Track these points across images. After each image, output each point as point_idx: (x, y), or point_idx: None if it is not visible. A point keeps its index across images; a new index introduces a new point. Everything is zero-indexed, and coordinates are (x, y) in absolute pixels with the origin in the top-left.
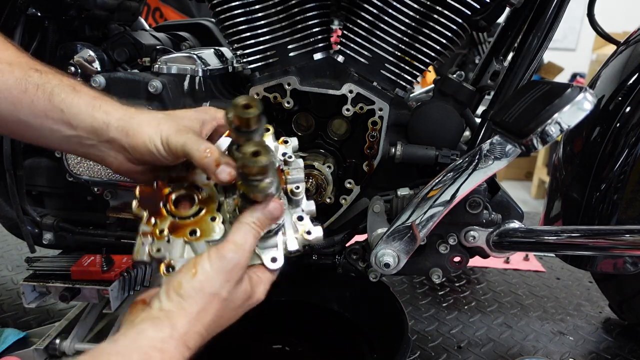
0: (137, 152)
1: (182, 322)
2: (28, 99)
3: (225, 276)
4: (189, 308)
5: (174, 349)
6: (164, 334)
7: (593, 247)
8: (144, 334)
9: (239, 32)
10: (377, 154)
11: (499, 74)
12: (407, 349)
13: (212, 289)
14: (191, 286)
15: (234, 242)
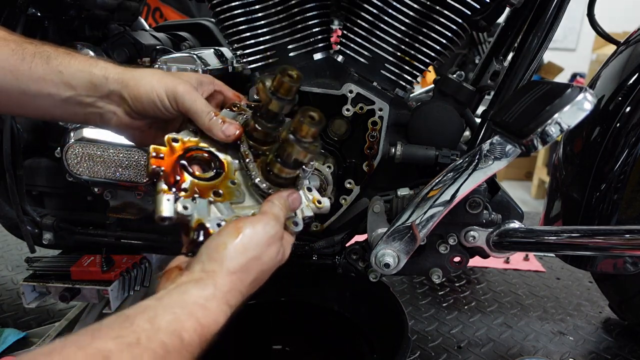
0: (138, 102)
1: (224, 282)
2: (26, 66)
3: (267, 242)
4: (232, 268)
5: (217, 307)
6: (207, 293)
7: (593, 247)
8: (188, 292)
9: (239, 32)
10: (377, 154)
11: (499, 74)
12: (407, 349)
13: (254, 252)
14: (235, 248)
15: (274, 214)
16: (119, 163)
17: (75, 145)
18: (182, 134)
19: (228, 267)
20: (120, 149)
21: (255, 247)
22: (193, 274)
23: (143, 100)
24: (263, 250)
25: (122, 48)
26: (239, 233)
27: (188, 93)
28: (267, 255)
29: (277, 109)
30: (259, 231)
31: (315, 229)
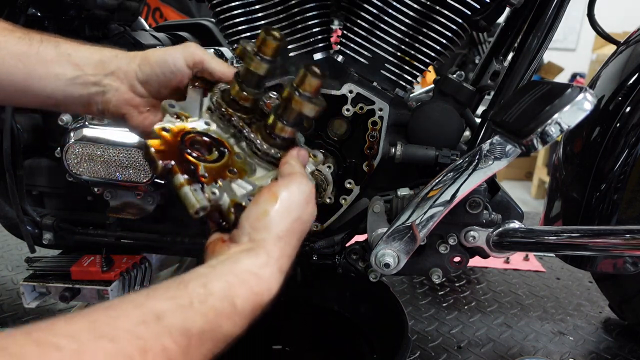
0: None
1: (275, 248)
2: (34, 50)
3: (305, 200)
4: (280, 232)
5: (270, 274)
6: (260, 261)
7: (593, 247)
8: (240, 261)
9: (239, 32)
10: (377, 154)
11: (499, 74)
12: (407, 349)
13: (296, 213)
14: (278, 213)
15: (301, 173)
16: (119, 163)
17: (75, 145)
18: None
19: (276, 232)
20: (120, 149)
21: (296, 208)
22: (242, 245)
23: (152, 62)
24: (303, 209)
25: (122, 48)
26: (277, 198)
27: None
28: (307, 213)
29: (263, 71)
30: (295, 192)
31: (315, 229)
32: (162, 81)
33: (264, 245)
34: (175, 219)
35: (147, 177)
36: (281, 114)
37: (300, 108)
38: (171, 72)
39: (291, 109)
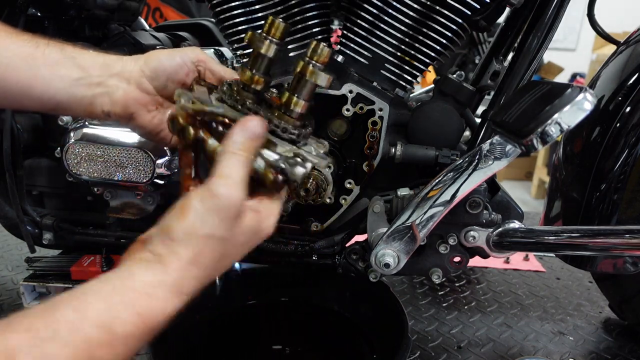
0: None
1: (174, 267)
2: (40, 52)
3: (217, 215)
4: (181, 252)
5: (165, 295)
6: (154, 279)
7: (593, 247)
8: (134, 277)
9: (239, 32)
10: (377, 154)
11: (499, 74)
12: (407, 349)
13: (205, 230)
14: (182, 229)
15: (222, 175)
16: (119, 163)
17: (75, 145)
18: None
19: (176, 251)
20: (120, 149)
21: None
22: (145, 254)
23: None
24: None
25: (122, 48)
26: (185, 211)
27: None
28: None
29: (272, 53)
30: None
31: (315, 229)
32: (170, 74)
33: (163, 262)
34: None
35: (147, 177)
36: (295, 88)
37: (315, 79)
38: (178, 65)
39: (305, 82)
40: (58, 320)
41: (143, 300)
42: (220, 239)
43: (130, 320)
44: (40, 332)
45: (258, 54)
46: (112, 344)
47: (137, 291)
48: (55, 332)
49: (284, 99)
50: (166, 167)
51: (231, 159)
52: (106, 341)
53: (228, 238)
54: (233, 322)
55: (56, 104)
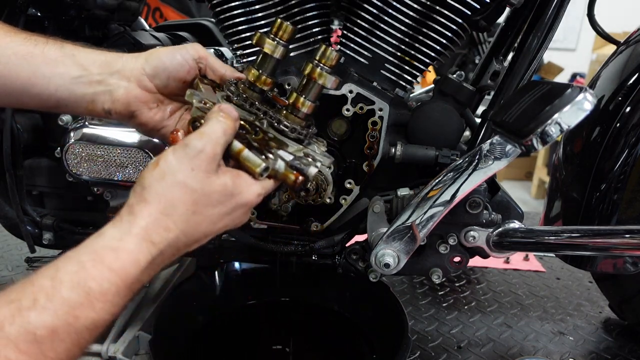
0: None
1: (142, 215)
2: (39, 50)
3: (189, 164)
4: (150, 199)
5: (133, 245)
6: (121, 232)
7: (593, 247)
8: (102, 234)
9: (239, 32)
10: (377, 154)
11: (499, 74)
12: (407, 349)
13: (175, 178)
14: (152, 176)
15: (200, 132)
16: (119, 163)
17: (75, 145)
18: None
19: (145, 198)
20: (120, 149)
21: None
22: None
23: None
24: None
25: (122, 48)
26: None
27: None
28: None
29: (279, 54)
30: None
31: (315, 229)
32: (171, 72)
33: (132, 212)
34: None
35: None
36: (302, 90)
37: (323, 81)
38: (179, 64)
39: (313, 84)
40: (36, 290)
41: (111, 255)
42: (191, 190)
43: (104, 276)
44: (21, 302)
45: (265, 55)
46: (91, 303)
47: (106, 247)
48: (34, 300)
49: (292, 100)
50: None
51: (212, 120)
52: (85, 301)
53: (198, 190)
54: (233, 322)
55: (57, 101)
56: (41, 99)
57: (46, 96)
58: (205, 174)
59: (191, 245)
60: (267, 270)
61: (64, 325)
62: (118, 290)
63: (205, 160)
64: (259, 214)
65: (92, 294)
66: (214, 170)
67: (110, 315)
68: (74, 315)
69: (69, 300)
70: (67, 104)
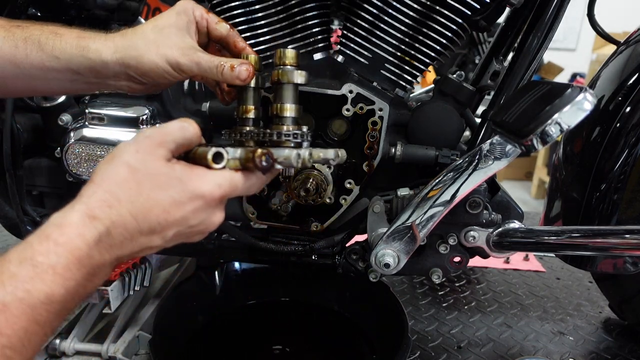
0: (147, 77)
1: (86, 194)
2: (22, 53)
3: (134, 146)
4: (95, 179)
5: (77, 219)
6: (65, 210)
7: (593, 247)
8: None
9: (239, 32)
10: (377, 154)
11: (499, 74)
12: (407, 349)
13: (120, 159)
14: (103, 160)
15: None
16: None
17: (75, 145)
18: None
19: (92, 179)
20: None
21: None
22: None
23: (152, 75)
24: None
25: None
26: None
27: (190, 61)
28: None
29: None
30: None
31: (315, 229)
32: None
33: (82, 192)
34: None
35: None
36: (278, 97)
37: (289, 79)
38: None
39: (283, 86)
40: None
41: (56, 231)
42: (133, 169)
43: (51, 250)
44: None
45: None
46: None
47: (50, 225)
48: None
49: (274, 111)
50: None
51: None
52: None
53: (141, 169)
54: (233, 322)
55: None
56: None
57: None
58: (150, 156)
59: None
60: (267, 270)
61: (14, 301)
62: (67, 263)
63: (150, 145)
64: (259, 214)
65: (40, 267)
66: (161, 156)
67: (64, 290)
68: (24, 289)
69: (17, 274)
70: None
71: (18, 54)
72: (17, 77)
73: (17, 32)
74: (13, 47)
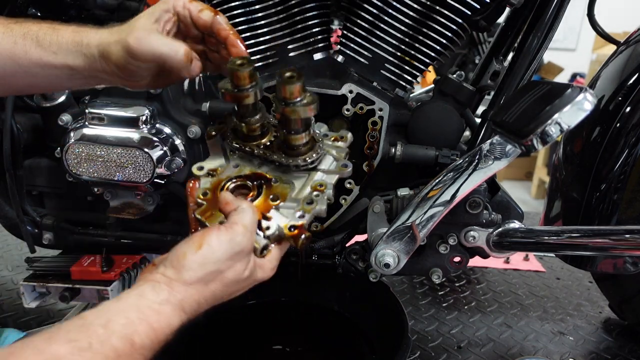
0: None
1: (179, 289)
2: (21, 50)
3: (231, 257)
4: (188, 278)
5: (170, 311)
6: (161, 297)
7: (593, 247)
8: (144, 295)
9: (239, 32)
10: (377, 154)
11: (499, 74)
12: (407, 349)
13: (214, 267)
14: (194, 259)
15: (244, 225)
16: (119, 163)
17: (75, 145)
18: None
19: (184, 277)
20: (120, 149)
21: (215, 261)
22: (155, 275)
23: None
24: (226, 265)
25: None
26: (202, 245)
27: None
28: (232, 270)
29: (252, 99)
30: (223, 245)
31: (315, 229)
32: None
33: (170, 283)
34: (175, 219)
35: (147, 177)
36: (287, 127)
37: (298, 115)
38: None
39: (292, 120)
40: (91, 335)
41: (154, 315)
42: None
43: (146, 332)
44: (78, 343)
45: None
46: (132, 353)
47: (150, 308)
48: (90, 344)
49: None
50: (166, 167)
51: (247, 213)
52: (128, 351)
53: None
54: (233, 322)
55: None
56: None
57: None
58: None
59: None
60: None
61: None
62: (152, 346)
63: (245, 255)
64: None
65: (135, 346)
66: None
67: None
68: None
69: (117, 348)
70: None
71: (17, 50)
72: (16, 73)
73: (15, 28)
74: (12, 44)
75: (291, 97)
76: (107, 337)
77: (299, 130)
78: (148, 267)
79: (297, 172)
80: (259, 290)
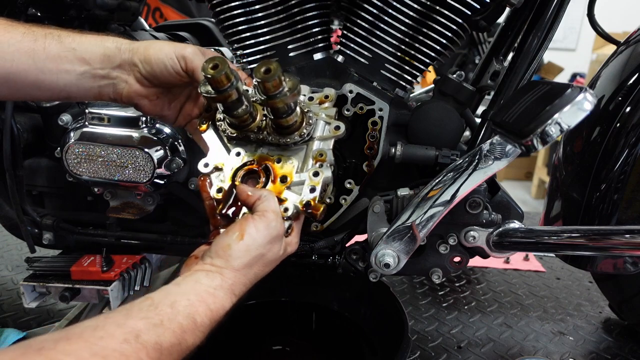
0: (148, 65)
1: (229, 275)
2: (40, 46)
3: (270, 241)
4: (236, 265)
5: (224, 295)
6: (215, 283)
7: (593, 247)
8: (200, 281)
9: (239, 32)
10: (377, 154)
11: (499, 74)
12: (407, 349)
13: (257, 252)
14: (239, 248)
15: (274, 211)
16: (119, 163)
17: (75, 145)
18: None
19: (233, 265)
20: (120, 149)
21: (257, 247)
22: (204, 266)
23: (152, 63)
24: (266, 249)
25: None
26: (243, 235)
27: (196, 54)
28: (271, 252)
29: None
30: (261, 232)
31: (315, 229)
32: (164, 80)
33: (221, 271)
34: (175, 219)
35: (147, 177)
36: (276, 114)
37: (284, 103)
38: (170, 75)
39: (279, 108)
40: (160, 312)
41: (211, 298)
42: (268, 261)
43: (205, 313)
44: (151, 320)
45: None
46: (194, 331)
47: (206, 292)
48: (161, 320)
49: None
50: (166, 167)
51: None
52: (192, 329)
53: (269, 257)
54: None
55: (67, 94)
56: (52, 93)
57: (57, 91)
58: (277, 246)
59: None
60: None
61: (177, 344)
62: (210, 324)
63: (280, 239)
64: None
65: (196, 324)
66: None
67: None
68: (184, 337)
69: (182, 325)
70: (76, 96)
71: (37, 46)
72: (29, 69)
73: (37, 30)
74: (32, 41)
75: (274, 90)
76: (174, 316)
77: (289, 113)
78: (191, 260)
79: (294, 148)
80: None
